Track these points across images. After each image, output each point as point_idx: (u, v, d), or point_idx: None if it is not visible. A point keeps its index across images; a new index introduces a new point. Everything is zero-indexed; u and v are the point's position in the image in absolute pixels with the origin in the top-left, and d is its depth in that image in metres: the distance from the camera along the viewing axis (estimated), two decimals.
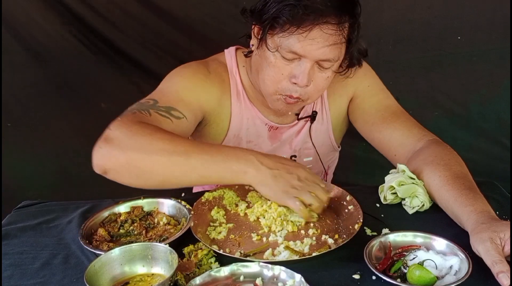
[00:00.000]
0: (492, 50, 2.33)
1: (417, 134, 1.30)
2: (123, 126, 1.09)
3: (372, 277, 0.92)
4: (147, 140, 1.06)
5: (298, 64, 1.19)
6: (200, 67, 1.36)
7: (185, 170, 1.05)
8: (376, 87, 1.44)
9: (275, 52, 1.19)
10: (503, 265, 0.86)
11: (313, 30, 1.14)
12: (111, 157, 1.05)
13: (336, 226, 1.12)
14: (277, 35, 1.17)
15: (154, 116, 1.17)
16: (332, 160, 1.59)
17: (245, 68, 1.40)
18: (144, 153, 1.04)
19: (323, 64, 1.20)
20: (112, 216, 1.13)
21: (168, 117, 1.19)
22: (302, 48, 1.16)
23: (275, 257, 1.00)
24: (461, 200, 1.05)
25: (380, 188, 1.23)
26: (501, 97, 2.43)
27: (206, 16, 2.13)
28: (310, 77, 1.20)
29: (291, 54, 1.17)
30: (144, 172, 1.06)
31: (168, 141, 1.06)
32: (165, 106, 1.21)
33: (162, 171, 1.05)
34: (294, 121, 1.43)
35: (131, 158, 1.05)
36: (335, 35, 1.16)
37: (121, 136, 1.06)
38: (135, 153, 1.05)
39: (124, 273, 0.94)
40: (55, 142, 2.24)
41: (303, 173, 1.09)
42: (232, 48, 1.43)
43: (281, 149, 1.45)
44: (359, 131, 1.44)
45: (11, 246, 1.09)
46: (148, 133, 1.07)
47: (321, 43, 1.15)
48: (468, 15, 2.25)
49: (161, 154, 1.04)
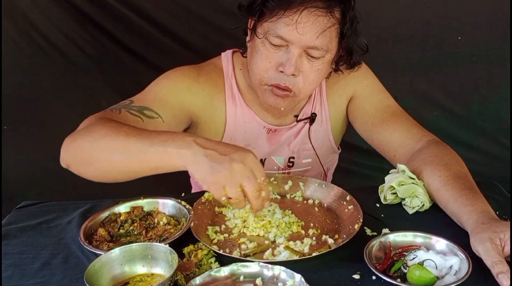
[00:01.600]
0: (492, 50, 2.33)
1: (416, 134, 1.30)
2: (85, 121, 1.11)
3: (372, 277, 0.92)
4: (95, 129, 1.05)
5: (285, 52, 1.19)
6: (190, 70, 1.36)
7: (125, 155, 1.01)
8: (375, 88, 1.44)
9: (263, 39, 1.20)
10: (503, 266, 0.86)
11: (300, 13, 1.14)
12: (69, 149, 1.07)
13: (336, 226, 1.13)
14: (266, 21, 1.18)
15: (123, 114, 1.17)
16: (331, 162, 1.59)
17: (242, 71, 1.39)
18: (90, 141, 1.04)
19: (312, 52, 1.20)
20: (112, 216, 1.13)
21: (139, 116, 1.19)
22: (289, 32, 1.16)
23: (275, 257, 1.00)
24: (461, 200, 1.05)
25: (380, 188, 1.23)
26: (501, 97, 2.43)
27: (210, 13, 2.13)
28: (298, 66, 1.20)
29: (278, 39, 1.18)
30: (92, 159, 1.04)
31: (113, 128, 1.04)
32: (139, 105, 1.22)
33: (106, 156, 1.03)
34: (293, 122, 1.43)
35: (81, 146, 1.05)
36: (323, 21, 1.16)
37: (79, 130, 1.09)
38: (84, 142, 1.05)
39: (124, 273, 0.94)
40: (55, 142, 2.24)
41: (247, 159, 0.95)
42: (229, 51, 1.43)
43: (279, 150, 1.45)
44: (358, 132, 1.44)
45: (11, 246, 1.09)
46: (100, 123, 1.07)
47: (309, 28, 1.16)
48: (468, 15, 2.26)
49: (104, 141, 1.03)
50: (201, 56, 1.53)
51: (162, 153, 0.97)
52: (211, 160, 0.93)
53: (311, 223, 1.13)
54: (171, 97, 1.28)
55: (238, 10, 1.28)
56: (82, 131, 1.08)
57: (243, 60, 1.40)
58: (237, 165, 0.92)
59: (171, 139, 0.98)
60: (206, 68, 1.39)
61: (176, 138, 0.98)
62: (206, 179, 0.94)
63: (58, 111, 2.19)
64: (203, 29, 2.15)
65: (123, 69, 2.17)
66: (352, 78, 1.40)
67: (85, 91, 2.20)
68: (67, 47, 2.09)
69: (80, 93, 2.19)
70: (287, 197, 1.26)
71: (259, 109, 1.40)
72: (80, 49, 2.11)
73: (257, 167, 0.95)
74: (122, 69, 2.17)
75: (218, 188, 0.94)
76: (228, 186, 0.93)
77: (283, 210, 1.17)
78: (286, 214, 1.15)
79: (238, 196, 0.94)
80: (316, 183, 1.26)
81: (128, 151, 1.00)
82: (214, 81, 1.37)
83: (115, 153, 1.02)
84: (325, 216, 1.17)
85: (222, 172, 0.92)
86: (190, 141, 0.96)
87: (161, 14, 2.10)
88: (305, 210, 1.20)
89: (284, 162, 1.46)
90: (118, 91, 2.18)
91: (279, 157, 1.45)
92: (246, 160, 0.94)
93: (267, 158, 1.44)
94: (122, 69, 2.17)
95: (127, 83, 2.19)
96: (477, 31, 2.29)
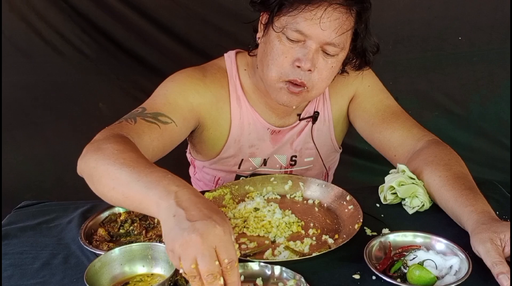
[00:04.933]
0: (492, 50, 2.33)
1: (416, 135, 1.30)
2: (101, 133, 1.09)
3: (372, 277, 0.92)
4: (103, 146, 1.02)
5: (302, 47, 1.18)
6: (195, 72, 1.35)
7: (115, 184, 0.94)
8: (376, 88, 1.44)
9: (280, 33, 1.19)
10: (503, 266, 0.87)
11: (321, 9, 1.14)
12: (81, 160, 1.05)
13: (336, 226, 1.12)
14: (285, 15, 1.17)
15: (139, 122, 1.16)
16: (333, 161, 1.59)
17: (247, 71, 1.39)
18: (94, 160, 1.00)
19: (328, 49, 1.19)
20: (112, 216, 1.13)
21: (155, 122, 1.19)
22: (308, 27, 1.15)
23: (275, 257, 1.00)
24: (461, 200, 1.05)
25: (380, 188, 1.23)
26: (501, 97, 2.43)
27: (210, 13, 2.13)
28: (314, 61, 1.19)
29: (297, 33, 1.17)
30: (92, 179, 1.01)
31: (116, 151, 0.99)
32: (153, 112, 1.21)
33: (101, 180, 0.98)
34: (295, 122, 1.43)
35: (87, 163, 1.02)
36: (342, 18, 1.16)
37: (94, 142, 1.07)
38: (90, 159, 1.01)
39: (124, 273, 0.94)
40: (55, 143, 2.24)
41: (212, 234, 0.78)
42: (232, 52, 1.42)
43: (282, 150, 1.45)
44: (359, 131, 1.44)
45: (11, 246, 1.09)
46: (110, 142, 1.03)
47: (328, 24, 1.15)
48: (468, 15, 2.26)
49: (102, 163, 0.98)
50: (201, 56, 1.53)
51: (144, 196, 0.88)
52: (175, 223, 0.80)
53: (311, 223, 1.13)
54: (181, 100, 1.27)
55: (251, 4, 1.26)
56: (94, 145, 1.04)
57: (247, 61, 1.39)
58: (196, 237, 0.77)
59: (157, 183, 0.88)
60: (210, 69, 1.39)
61: (162, 184, 0.87)
62: (166, 241, 0.82)
63: (57, 112, 2.19)
64: (203, 29, 2.14)
65: (122, 69, 2.17)
66: (354, 78, 1.40)
67: (84, 92, 2.19)
68: (65, 48, 2.08)
69: (79, 94, 2.19)
70: (287, 197, 1.27)
71: (263, 109, 1.39)
72: (79, 49, 2.10)
73: (223, 245, 0.78)
74: (121, 69, 2.17)
75: (174, 257, 0.80)
76: (182, 258, 0.78)
77: (283, 210, 1.17)
78: (286, 214, 1.15)
79: (190, 272, 0.78)
80: (316, 183, 1.26)
81: (117, 182, 0.94)
82: (220, 82, 1.37)
83: (108, 179, 0.96)
84: (325, 216, 1.17)
85: (178, 241, 0.78)
86: (171, 192, 0.85)
87: (160, 14, 2.10)
88: (305, 210, 1.20)
89: (286, 160, 1.47)
90: (117, 91, 2.19)
91: (282, 156, 1.46)
92: (209, 234, 0.78)
93: (270, 157, 1.45)
94: (121, 69, 2.17)
95: (127, 83, 2.19)
96: (478, 31, 2.29)
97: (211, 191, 1.24)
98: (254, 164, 1.44)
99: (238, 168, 1.45)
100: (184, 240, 0.77)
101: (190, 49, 2.14)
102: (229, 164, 1.44)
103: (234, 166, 1.44)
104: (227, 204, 1.21)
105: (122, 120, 1.17)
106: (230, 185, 1.27)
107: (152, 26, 2.11)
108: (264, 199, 1.22)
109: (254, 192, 1.27)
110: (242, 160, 1.43)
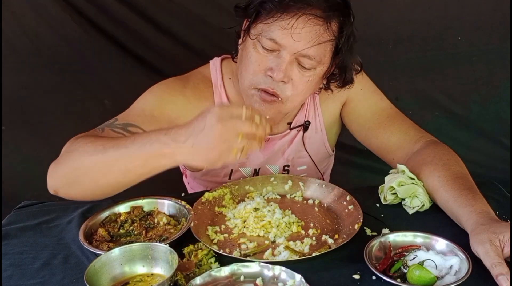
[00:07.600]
0: (492, 50, 2.33)
1: (414, 137, 1.29)
2: (66, 145, 1.09)
3: (372, 277, 0.92)
4: (75, 148, 1.04)
5: (276, 56, 1.16)
6: (176, 83, 1.32)
7: (105, 167, 0.99)
8: (368, 90, 1.40)
9: (256, 41, 1.17)
10: (503, 267, 0.87)
11: (297, 18, 1.12)
12: (54, 175, 1.05)
13: (336, 226, 1.13)
14: (261, 22, 1.16)
15: (106, 132, 1.15)
16: (327, 165, 1.57)
17: (231, 80, 1.36)
18: (72, 161, 1.02)
19: (303, 61, 1.17)
20: (112, 216, 1.13)
21: (122, 133, 1.16)
22: (283, 36, 1.13)
23: (275, 257, 1.00)
24: (460, 200, 1.05)
25: (380, 188, 1.23)
26: (501, 97, 2.43)
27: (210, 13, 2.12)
28: (288, 72, 1.17)
29: (271, 42, 1.15)
30: (78, 179, 1.03)
31: (90, 143, 1.03)
32: (123, 123, 1.18)
33: (86, 171, 1.01)
34: (286, 130, 1.40)
35: (64, 170, 1.04)
36: (319, 30, 1.14)
37: (60, 155, 1.07)
38: (66, 164, 1.03)
39: (124, 273, 0.94)
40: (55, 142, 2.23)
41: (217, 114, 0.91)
42: (217, 59, 1.39)
43: (274, 159, 1.42)
44: (355, 135, 1.42)
45: (11, 246, 1.09)
46: (78, 142, 1.05)
47: (302, 35, 1.13)
48: (468, 15, 2.26)
49: (84, 155, 1.01)
50: (201, 56, 1.52)
51: (145, 155, 0.96)
52: (194, 137, 0.92)
53: (311, 223, 1.13)
54: (157, 112, 1.24)
55: (234, 11, 1.25)
56: (63, 155, 1.06)
57: (233, 68, 1.36)
58: (218, 124, 0.90)
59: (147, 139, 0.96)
60: (194, 79, 1.35)
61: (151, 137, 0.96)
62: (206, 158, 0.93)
63: (57, 112, 2.19)
64: (203, 29, 2.14)
65: (121, 70, 2.17)
66: None
67: (84, 92, 2.19)
68: (65, 48, 2.08)
69: (79, 94, 2.19)
70: (287, 197, 1.27)
71: None
72: (79, 49, 2.10)
73: (227, 110, 0.92)
74: (120, 69, 2.17)
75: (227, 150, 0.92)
76: (230, 141, 0.91)
77: (283, 210, 1.17)
78: (286, 214, 1.15)
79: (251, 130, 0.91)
80: (316, 183, 1.26)
81: (109, 163, 0.99)
82: (202, 92, 1.33)
83: (97, 167, 0.99)
84: (325, 216, 1.17)
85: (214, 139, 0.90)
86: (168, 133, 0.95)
87: (160, 14, 2.09)
88: (305, 210, 1.20)
89: (279, 170, 1.43)
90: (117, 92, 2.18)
91: (274, 166, 1.43)
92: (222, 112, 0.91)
93: (261, 168, 1.42)
94: (120, 70, 2.17)
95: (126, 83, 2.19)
96: (477, 31, 2.29)
97: (211, 191, 1.24)
98: (244, 175, 1.41)
99: (228, 179, 1.42)
100: (215, 133, 0.89)
101: (190, 49, 2.14)
102: (219, 176, 1.42)
103: (224, 177, 1.42)
104: (227, 204, 1.21)
105: (92, 130, 1.16)
106: (230, 185, 1.27)
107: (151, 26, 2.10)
108: (264, 199, 1.22)
109: (254, 192, 1.27)
110: (232, 170, 1.41)
